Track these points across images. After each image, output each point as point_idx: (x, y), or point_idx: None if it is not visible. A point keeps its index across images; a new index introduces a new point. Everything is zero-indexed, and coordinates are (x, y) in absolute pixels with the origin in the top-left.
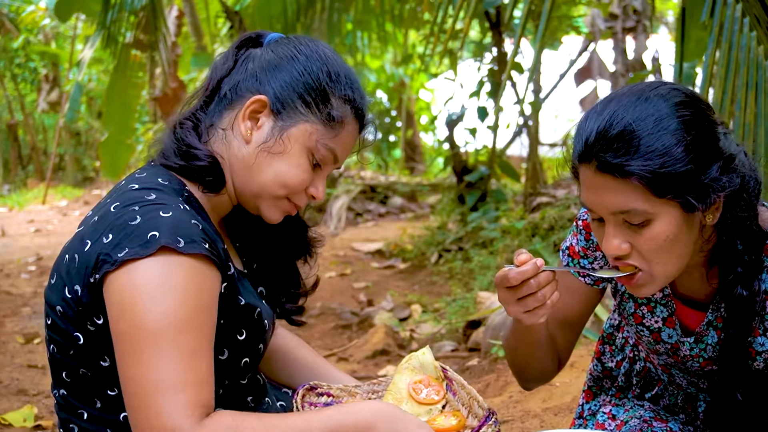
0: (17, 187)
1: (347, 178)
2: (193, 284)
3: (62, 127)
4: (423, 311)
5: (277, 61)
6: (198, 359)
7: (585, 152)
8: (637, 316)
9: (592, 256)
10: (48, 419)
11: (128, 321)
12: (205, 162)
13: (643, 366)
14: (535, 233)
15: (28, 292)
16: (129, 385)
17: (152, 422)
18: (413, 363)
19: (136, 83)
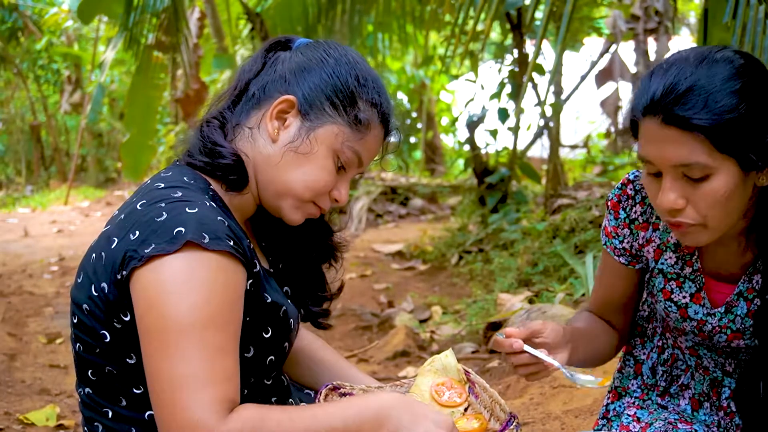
0: (40, 188)
1: (368, 179)
2: (218, 280)
3: (84, 129)
4: (443, 313)
5: (306, 64)
6: (224, 355)
7: (651, 105)
8: (665, 292)
9: (621, 234)
10: (70, 419)
11: (155, 316)
12: (229, 160)
13: (671, 354)
14: (556, 235)
15: (50, 292)
16: (155, 380)
17: (178, 417)
18: (436, 365)
19: (157, 84)
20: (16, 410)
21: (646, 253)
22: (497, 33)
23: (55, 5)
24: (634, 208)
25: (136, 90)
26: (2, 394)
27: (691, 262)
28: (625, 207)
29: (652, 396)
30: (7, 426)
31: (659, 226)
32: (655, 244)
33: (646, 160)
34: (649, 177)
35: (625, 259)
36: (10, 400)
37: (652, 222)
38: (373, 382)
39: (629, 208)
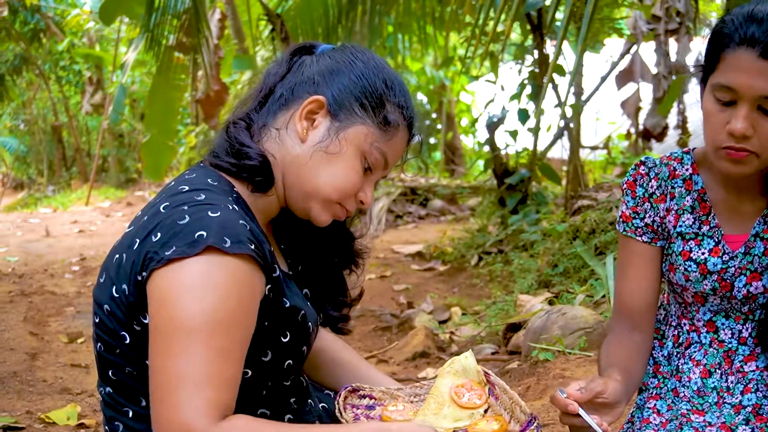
0: (61, 188)
1: (387, 180)
2: (234, 285)
3: (105, 129)
4: (463, 314)
5: (335, 66)
6: (227, 361)
7: (751, 38)
8: (684, 253)
9: (642, 210)
10: (91, 418)
11: (165, 315)
12: (256, 161)
13: (686, 338)
14: (577, 236)
15: (71, 291)
16: (154, 376)
17: (169, 415)
18: (456, 367)
19: (178, 85)
20: (37, 409)
21: (668, 222)
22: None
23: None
24: (650, 183)
25: (157, 91)
26: (24, 393)
27: (708, 220)
28: (642, 183)
29: (668, 383)
30: (28, 425)
31: (675, 194)
32: (674, 211)
33: (727, 88)
34: (716, 106)
35: (648, 236)
36: (32, 399)
37: (669, 192)
38: (393, 384)
39: (646, 184)
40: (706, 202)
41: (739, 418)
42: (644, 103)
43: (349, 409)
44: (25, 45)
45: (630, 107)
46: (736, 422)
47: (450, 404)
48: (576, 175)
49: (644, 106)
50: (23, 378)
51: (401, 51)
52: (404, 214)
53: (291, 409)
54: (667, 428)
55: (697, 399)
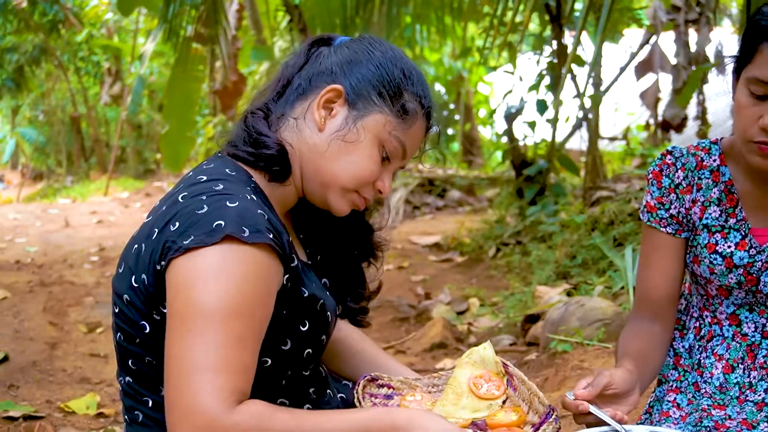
0: (80, 179)
1: (405, 171)
2: (252, 273)
3: (124, 120)
4: (481, 305)
5: (353, 57)
6: (243, 347)
7: None
8: (710, 246)
9: (667, 201)
10: (110, 407)
11: (181, 301)
12: (273, 150)
13: (707, 331)
14: (595, 227)
15: (90, 282)
16: (171, 362)
17: (186, 401)
18: (474, 357)
19: (196, 76)
20: (57, 398)
21: (693, 214)
22: (536, 24)
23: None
24: (676, 174)
25: (175, 82)
26: (44, 383)
27: (735, 213)
28: (668, 174)
29: (689, 377)
30: (48, 414)
31: (702, 185)
32: (700, 202)
33: (762, 82)
34: (750, 99)
35: (672, 227)
36: (52, 389)
37: (695, 183)
38: (411, 374)
39: (672, 174)
40: (734, 195)
41: (761, 415)
42: (663, 93)
43: (367, 398)
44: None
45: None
46: (757, 419)
47: (468, 395)
48: (594, 166)
49: (663, 97)
50: (43, 367)
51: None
52: (422, 205)
53: (310, 399)
54: (686, 421)
55: (719, 395)
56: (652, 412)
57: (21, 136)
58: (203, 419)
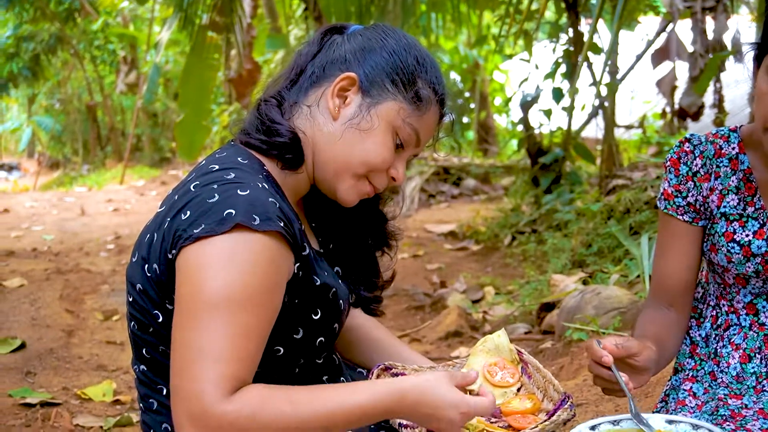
0: (96, 167)
1: (420, 159)
2: (261, 262)
3: (140, 108)
4: (496, 293)
5: (366, 44)
6: (247, 338)
7: None
8: (728, 234)
9: (684, 189)
10: (126, 394)
11: (190, 288)
12: (286, 138)
13: (724, 320)
14: (611, 216)
15: (106, 270)
16: (176, 349)
17: (185, 386)
18: (488, 345)
19: (211, 65)
20: (74, 385)
21: (711, 202)
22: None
23: None
24: (694, 161)
25: (191, 70)
26: (60, 370)
27: (753, 201)
28: (686, 161)
29: (705, 366)
30: (65, 400)
31: (720, 173)
32: (718, 191)
33: None
34: None
35: (689, 216)
36: (68, 376)
37: (713, 171)
38: (426, 362)
39: (690, 162)
40: (752, 183)
41: None
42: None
43: None
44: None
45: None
46: None
47: (483, 383)
48: (610, 154)
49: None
50: (60, 355)
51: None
52: (437, 194)
53: None
54: (702, 410)
55: (736, 385)
56: (668, 401)
57: (37, 124)
58: (198, 406)
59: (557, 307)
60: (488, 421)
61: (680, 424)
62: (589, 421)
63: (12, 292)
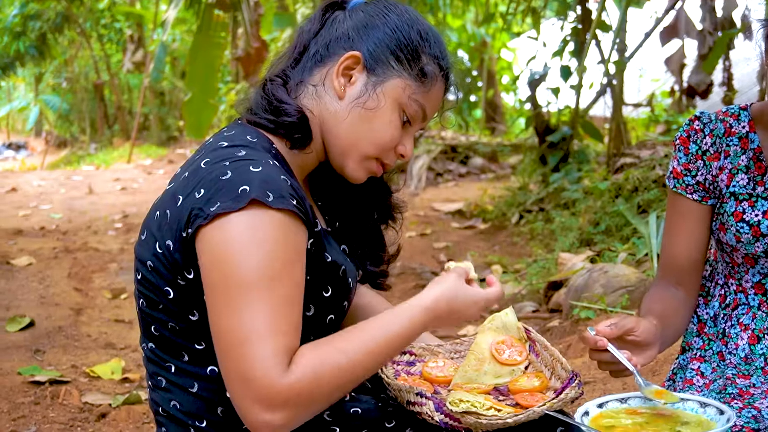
0: (103, 146)
1: (428, 138)
2: (282, 236)
3: (147, 87)
4: (503, 272)
5: (369, 21)
6: (289, 308)
7: None
8: (737, 214)
9: (694, 168)
10: (135, 372)
11: (221, 273)
12: (294, 117)
13: (732, 299)
14: (619, 194)
15: (114, 248)
16: (221, 336)
17: (243, 371)
18: (496, 323)
19: (219, 43)
20: (82, 363)
21: (720, 181)
22: None
23: None
24: (704, 140)
25: (198, 49)
26: (69, 348)
27: (763, 181)
28: (696, 140)
29: (713, 346)
30: (74, 378)
31: (729, 152)
32: (727, 170)
33: None
34: None
35: (698, 194)
36: (77, 354)
37: (723, 150)
38: (434, 340)
39: (700, 141)
40: (762, 162)
41: None
42: (689, 59)
43: (389, 365)
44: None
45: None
46: None
47: (490, 361)
48: (618, 132)
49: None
50: (68, 333)
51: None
52: (444, 172)
53: None
54: (710, 389)
55: (744, 366)
56: (675, 380)
57: (44, 103)
58: (264, 386)
59: (564, 285)
60: (496, 399)
61: (688, 402)
62: (596, 399)
63: (20, 270)
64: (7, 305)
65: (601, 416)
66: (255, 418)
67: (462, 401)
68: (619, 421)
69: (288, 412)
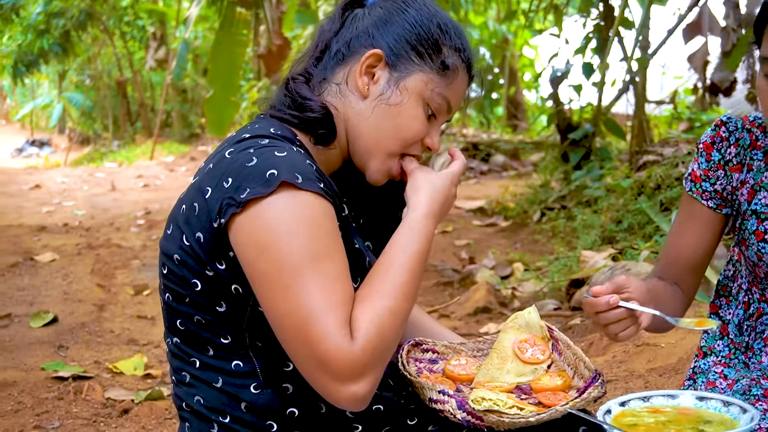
0: (126, 143)
1: (449, 135)
2: (318, 214)
3: (169, 84)
4: (525, 269)
5: (387, 16)
6: (340, 282)
7: None
8: (759, 233)
9: (714, 176)
10: (157, 368)
11: (269, 260)
12: (318, 113)
13: (756, 308)
14: (641, 192)
15: (137, 245)
16: (283, 321)
17: (314, 350)
18: (519, 322)
19: (241, 40)
20: (105, 359)
21: (740, 195)
22: None
23: None
24: (728, 150)
25: (220, 46)
26: (92, 344)
27: None
28: (720, 148)
29: (739, 355)
30: (96, 374)
31: (753, 166)
32: (749, 185)
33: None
34: (764, 81)
35: (714, 202)
36: (100, 350)
37: (747, 163)
38: (456, 338)
39: (724, 150)
40: None
41: None
42: (712, 57)
43: (412, 362)
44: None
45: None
46: None
47: (513, 359)
48: (641, 130)
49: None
50: (91, 329)
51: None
52: (466, 170)
53: None
54: (734, 389)
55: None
56: (696, 381)
57: (68, 100)
58: (340, 363)
59: (587, 283)
60: (518, 398)
61: (711, 401)
62: (618, 397)
63: (44, 266)
64: (31, 301)
65: (623, 414)
66: (341, 394)
67: (484, 399)
68: (642, 420)
69: (370, 376)
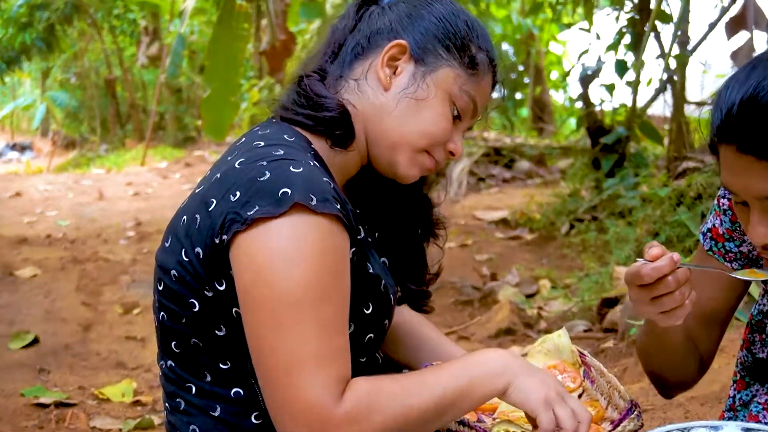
0: (115, 148)
1: (469, 139)
2: (329, 247)
3: (162, 83)
4: (552, 287)
5: (412, 11)
6: (338, 331)
7: (724, 129)
8: None
9: (739, 238)
10: (147, 394)
11: (264, 289)
12: (335, 112)
13: None
14: (681, 202)
15: (126, 259)
16: (266, 359)
17: (294, 399)
18: (547, 346)
19: (241, 35)
20: (90, 384)
21: None
22: None
23: None
24: None
25: (218, 41)
26: (76, 367)
27: None
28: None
29: None
30: (81, 401)
31: None
32: None
33: (728, 190)
34: (738, 206)
35: (738, 264)
36: (85, 374)
37: None
38: None
39: None
40: None
41: None
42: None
43: None
44: None
45: (741, 58)
46: None
47: None
48: (680, 134)
49: None
50: (76, 351)
51: None
52: (487, 177)
53: None
54: None
55: None
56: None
57: (52, 100)
58: (318, 416)
59: (620, 302)
60: None
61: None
62: (656, 429)
63: (24, 282)
64: (10, 320)
65: None
66: None
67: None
68: None
69: None
